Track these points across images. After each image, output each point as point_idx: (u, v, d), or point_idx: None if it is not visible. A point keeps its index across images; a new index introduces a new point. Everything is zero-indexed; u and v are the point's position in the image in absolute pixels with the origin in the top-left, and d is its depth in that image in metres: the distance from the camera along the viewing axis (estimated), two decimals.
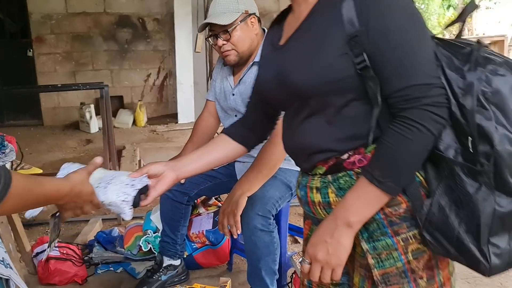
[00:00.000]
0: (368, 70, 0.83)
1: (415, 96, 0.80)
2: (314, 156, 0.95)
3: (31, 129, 6.00)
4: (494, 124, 0.78)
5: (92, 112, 5.75)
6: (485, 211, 0.79)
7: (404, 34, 0.82)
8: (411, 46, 0.82)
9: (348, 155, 0.90)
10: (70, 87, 3.36)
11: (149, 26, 6.28)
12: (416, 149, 0.81)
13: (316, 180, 0.96)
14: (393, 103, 0.84)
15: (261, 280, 1.81)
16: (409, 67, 0.82)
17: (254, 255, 1.78)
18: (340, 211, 0.87)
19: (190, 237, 2.31)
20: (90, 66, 6.23)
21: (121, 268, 2.33)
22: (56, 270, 2.15)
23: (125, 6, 6.16)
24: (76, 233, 2.76)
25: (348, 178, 0.91)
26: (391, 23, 0.82)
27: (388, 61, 0.82)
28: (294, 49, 0.93)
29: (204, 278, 2.28)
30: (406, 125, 0.81)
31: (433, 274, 0.91)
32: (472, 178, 0.80)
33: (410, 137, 0.80)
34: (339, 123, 0.90)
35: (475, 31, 13.73)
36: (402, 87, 0.81)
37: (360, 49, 0.83)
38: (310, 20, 0.91)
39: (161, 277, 2.13)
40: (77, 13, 6.03)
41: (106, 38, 6.20)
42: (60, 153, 4.90)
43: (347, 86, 0.87)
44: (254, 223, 1.71)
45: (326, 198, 0.94)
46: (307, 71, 0.89)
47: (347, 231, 0.86)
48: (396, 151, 0.82)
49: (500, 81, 0.80)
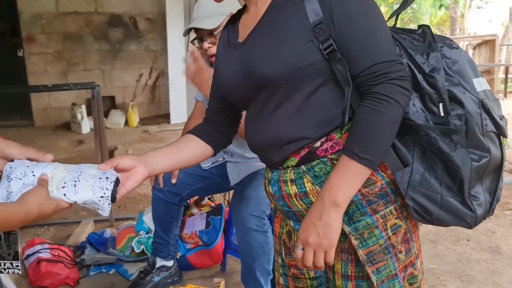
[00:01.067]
0: (335, 54, 0.87)
1: (382, 72, 0.85)
2: (286, 147, 0.95)
3: (21, 130, 5.94)
4: (461, 89, 0.87)
5: (83, 112, 5.72)
6: (464, 167, 0.86)
7: (365, 16, 0.88)
8: (373, 27, 0.88)
9: (321, 142, 0.93)
10: (61, 87, 3.32)
11: (141, 26, 6.25)
12: (390, 121, 0.86)
13: (290, 173, 0.97)
14: (362, 82, 0.88)
15: (255, 281, 1.80)
16: (374, 46, 0.87)
17: (249, 255, 1.77)
18: (326, 192, 0.88)
19: (183, 237, 2.29)
20: (81, 66, 6.19)
21: (113, 269, 2.31)
22: (47, 272, 2.12)
23: (116, 5, 6.12)
24: (68, 235, 2.73)
25: (322, 165, 0.93)
26: (353, 8, 0.88)
27: (354, 42, 0.87)
28: (257, 42, 0.95)
29: (198, 279, 2.26)
30: (377, 100, 0.85)
31: (409, 247, 0.96)
32: (447, 139, 0.86)
33: (383, 111, 0.85)
34: (309, 110, 0.92)
35: (466, 31, 13.83)
36: (369, 65, 0.86)
37: (326, 35, 0.87)
38: (269, 16, 0.94)
39: (154, 278, 2.12)
40: (68, 13, 5.99)
41: (97, 38, 6.16)
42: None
43: (315, 71, 0.89)
44: (248, 224, 1.71)
45: (303, 188, 0.95)
46: (274, 60, 0.90)
47: (335, 210, 0.87)
48: (372, 126, 0.86)
49: (456, 53, 0.91)
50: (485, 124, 0.88)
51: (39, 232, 2.88)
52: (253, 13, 0.99)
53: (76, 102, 5.96)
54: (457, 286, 2.15)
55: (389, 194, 0.92)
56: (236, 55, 0.99)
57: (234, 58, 1.00)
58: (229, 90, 1.04)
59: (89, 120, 5.55)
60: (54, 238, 2.75)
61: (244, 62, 0.96)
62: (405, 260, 0.95)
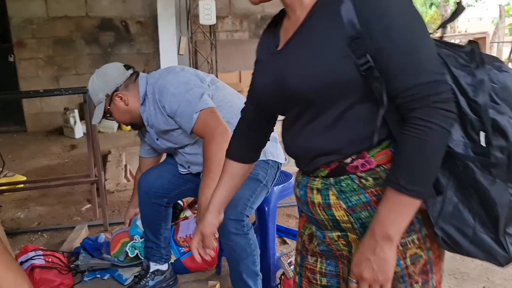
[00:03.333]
0: (373, 71, 0.82)
1: (423, 95, 0.80)
2: (316, 159, 0.94)
3: (13, 136, 5.91)
4: (507, 118, 0.80)
5: (76, 117, 5.69)
6: (502, 203, 0.81)
7: (407, 32, 0.81)
8: (415, 44, 0.81)
9: (351, 159, 0.90)
10: (53, 93, 3.29)
11: (132, 29, 6.24)
12: (435, 148, 0.81)
13: (317, 181, 0.96)
14: (402, 103, 0.83)
15: (244, 284, 1.79)
16: (415, 65, 0.81)
17: (233, 259, 1.77)
18: (377, 227, 0.85)
19: (178, 241, 2.29)
20: (73, 70, 6.16)
21: (108, 275, 2.30)
22: (41, 279, 2.11)
23: (107, 9, 6.10)
24: (62, 241, 2.72)
25: (350, 181, 0.91)
26: (393, 22, 0.81)
27: (393, 60, 0.81)
28: (293, 53, 0.92)
29: (193, 282, 2.26)
30: (419, 126, 0.80)
31: (427, 279, 0.93)
32: (486, 171, 0.81)
33: (427, 138, 0.80)
34: (341, 127, 0.89)
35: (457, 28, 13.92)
36: (409, 86, 0.81)
37: (363, 50, 0.82)
38: (308, 24, 0.89)
39: (148, 283, 2.11)
40: (58, 17, 5.96)
41: (88, 42, 6.14)
42: (44, 159, 4.83)
43: (350, 89, 0.86)
44: (227, 228, 1.69)
45: (327, 200, 0.95)
46: (308, 75, 0.87)
47: (388, 245, 0.85)
48: (416, 155, 0.81)
49: (506, 77, 0.82)
50: None
51: (32, 238, 2.86)
52: (294, 20, 0.94)
53: (69, 107, 5.93)
54: (451, 284, 2.16)
55: (414, 223, 0.89)
56: (273, 64, 0.97)
57: (271, 67, 0.97)
58: (265, 98, 1.02)
59: (82, 125, 5.53)
60: (48, 244, 2.73)
61: (279, 74, 0.93)
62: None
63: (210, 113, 1.78)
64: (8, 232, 2.82)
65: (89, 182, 3.18)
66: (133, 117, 1.96)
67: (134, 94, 1.92)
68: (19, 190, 3.52)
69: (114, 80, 1.91)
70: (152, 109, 1.89)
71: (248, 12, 6.65)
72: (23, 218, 3.24)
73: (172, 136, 1.92)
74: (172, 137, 1.93)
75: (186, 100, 1.78)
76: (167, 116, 1.85)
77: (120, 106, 1.92)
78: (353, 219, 0.92)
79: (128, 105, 1.92)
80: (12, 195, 3.61)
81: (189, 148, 1.96)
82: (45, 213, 3.32)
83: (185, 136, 1.90)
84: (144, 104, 1.92)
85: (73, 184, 3.55)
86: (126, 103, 1.92)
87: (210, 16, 4.72)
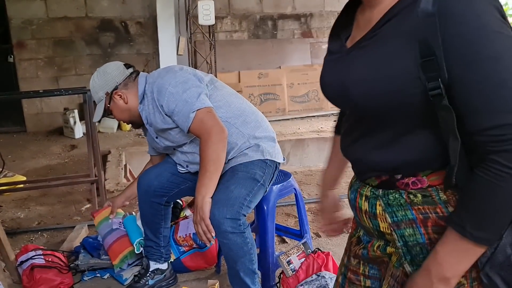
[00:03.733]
0: (442, 99, 0.74)
1: (509, 138, 0.71)
2: (367, 172, 0.93)
3: (14, 136, 5.91)
4: None
5: (76, 117, 5.70)
6: None
7: (498, 63, 0.71)
8: (505, 78, 0.71)
9: (402, 175, 0.86)
10: (52, 93, 3.31)
11: (132, 30, 6.25)
12: (510, 196, 0.73)
13: (368, 189, 0.94)
14: (480, 142, 0.74)
15: (241, 282, 1.81)
16: (502, 102, 0.71)
17: (230, 257, 1.78)
18: (434, 267, 0.81)
19: (177, 240, 2.30)
20: (73, 71, 6.16)
21: (108, 274, 2.31)
22: (41, 278, 2.12)
23: (107, 10, 6.11)
24: (62, 240, 2.73)
25: (398, 195, 0.87)
26: (481, 51, 0.71)
27: (475, 93, 0.72)
28: (360, 60, 0.84)
29: (193, 281, 2.27)
30: (498, 171, 0.72)
31: None
32: None
33: (504, 185, 0.72)
34: (399, 147, 0.84)
35: None
36: (494, 125, 0.72)
37: (435, 74, 0.74)
38: (382, 29, 0.81)
39: (148, 282, 2.12)
40: (58, 18, 5.97)
41: (88, 43, 6.15)
42: (44, 160, 4.84)
43: (412, 113, 0.79)
44: (224, 227, 1.70)
45: (373, 209, 0.92)
46: (371, 90, 0.81)
47: (445, 287, 0.81)
48: (489, 200, 0.74)
49: None
50: None
51: (32, 238, 2.87)
52: (368, 17, 0.86)
53: (69, 107, 5.94)
54: None
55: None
56: (340, 63, 0.90)
57: (337, 67, 0.91)
58: (329, 97, 0.97)
59: (82, 125, 5.53)
60: (48, 244, 2.74)
61: (343, 79, 0.87)
62: None
63: (207, 112, 1.79)
64: (8, 232, 2.83)
65: (89, 181, 3.19)
66: (132, 115, 1.99)
67: (134, 93, 1.94)
68: (19, 190, 3.52)
69: (113, 78, 1.94)
70: (151, 107, 1.91)
71: (247, 12, 6.66)
72: (23, 218, 3.25)
73: (170, 134, 1.93)
74: (170, 136, 1.94)
75: (184, 99, 1.79)
76: (165, 115, 1.86)
77: (119, 104, 1.95)
78: (397, 236, 0.88)
79: (127, 103, 1.95)
80: (12, 195, 3.62)
81: (187, 147, 1.97)
82: (45, 212, 3.33)
83: (182, 135, 1.91)
84: (142, 102, 1.94)
85: (73, 184, 3.56)
86: (126, 101, 1.95)
87: (209, 16, 4.73)
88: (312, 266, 1.98)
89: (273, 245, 2.04)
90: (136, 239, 2.22)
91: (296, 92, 6.44)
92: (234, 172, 1.85)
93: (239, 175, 1.82)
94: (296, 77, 6.42)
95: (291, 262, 2.01)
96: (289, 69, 6.46)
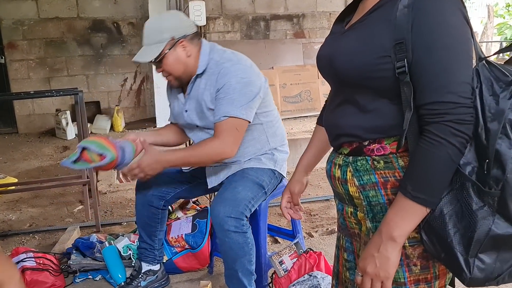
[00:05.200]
0: (405, 76, 0.89)
1: (441, 112, 0.85)
2: (340, 137, 1.05)
3: (5, 137, 5.87)
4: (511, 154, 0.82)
5: (68, 118, 5.66)
6: (481, 229, 0.85)
7: (447, 53, 0.86)
8: (450, 66, 0.86)
9: (369, 142, 0.99)
10: (44, 94, 3.28)
11: (124, 30, 6.22)
12: (441, 161, 0.86)
13: (340, 158, 1.06)
14: (421, 115, 0.89)
15: (238, 282, 1.81)
16: (444, 84, 0.86)
17: (229, 257, 1.79)
18: (384, 227, 0.92)
19: (170, 241, 2.29)
20: (65, 71, 6.13)
21: (99, 275, 2.30)
22: (32, 281, 2.11)
23: (99, 10, 6.08)
24: (54, 242, 2.71)
25: (364, 162, 1.00)
26: (437, 40, 0.86)
27: (426, 73, 0.87)
28: (349, 38, 0.99)
29: (185, 282, 2.27)
30: (429, 139, 0.86)
31: (428, 265, 0.97)
32: (478, 196, 0.85)
33: (435, 151, 0.85)
34: (368, 115, 0.97)
35: None
36: (432, 101, 0.86)
37: (403, 55, 0.88)
38: (370, 15, 0.96)
39: (140, 283, 2.12)
40: (49, 18, 5.93)
41: (80, 43, 6.12)
42: (36, 161, 4.81)
43: (382, 85, 0.93)
44: (226, 226, 1.72)
45: (344, 176, 1.04)
46: (350, 62, 0.95)
47: (392, 245, 0.91)
48: (423, 165, 0.88)
49: None
50: None
51: (24, 240, 2.86)
52: (364, 6, 1.01)
53: (61, 108, 5.90)
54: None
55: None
56: (334, 41, 1.05)
57: (331, 43, 1.06)
58: (319, 68, 1.10)
59: (74, 126, 5.50)
60: (39, 246, 2.73)
61: (333, 51, 1.02)
62: (419, 274, 0.97)
63: (237, 127, 1.75)
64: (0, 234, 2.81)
65: (81, 183, 3.18)
66: (185, 72, 1.84)
67: (196, 52, 1.83)
68: (11, 192, 3.50)
69: (186, 27, 1.80)
70: (203, 83, 1.82)
71: (239, 13, 6.67)
72: (15, 220, 3.23)
73: (208, 116, 1.85)
74: (205, 116, 1.86)
75: (231, 99, 1.74)
76: (215, 98, 1.79)
77: (180, 55, 1.80)
78: (363, 196, 1.00)
79: (188, 57, 1.81)
80: (4, 197, 3.60)
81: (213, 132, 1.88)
82: (37, 214, 3.32)
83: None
84: (200, 76, 1.84)
85: (65, 186, 3.54)
86: (188, 55, 1.81)
87: (200, 17, 4.71)
88: (304, 266, 1.99)
89: (266, 245, 2.04)
90: (117, 273, 2.21)
91: (288, 92, 6.45)
92: (243, 175, 1.87)
93: (249, 178, 1.84)
94: (289, 78, 6.43)
95: (283, 262, 2.02)
96: (282, 69, 6.47)
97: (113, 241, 2.37)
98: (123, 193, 3.77)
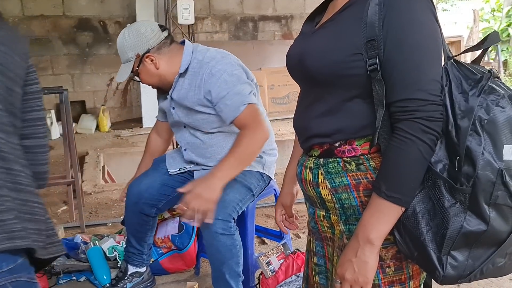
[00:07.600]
0: (377, 73, 0.89)
1: (411, 109, 0.86)
2: (311, 139, 1.02)
3: None
4: (481, 150, 0.82)
5: (52, 118, 5.58)
6: (453, 226, 0.84)
7: (417, 50, 0.87)
8: (420, 63, 0.87)
9: (340, 143, 0.97)
10: None
11: (111, 29, 6.17)
12: (412, 159, 0.86)
13: (311, 161, 1.04)
14: (392, 112, 0.89)
15: (226, 284, 1.80)
16: (414, 81, 0.86)
17: (217, 259, 1.77)
18: (360, 230, 0.91)
19: (156, 242, 2.27)
20: (49, 70, 6.05)
21: (84, 277, 2.26)
22: None
23: (85, 9, 6.02)
24: None
25: (336, 164, 0.98)
26: (408, 38, 0.87)
27: (397, 71, 0.87)
28: (320, 37, 0.99)
29: (171, 283, 2.25)
30: (399, 137, 0.87)
31: (401, 266, 0.97)
32: (450, 194, 0.85)
33: (404, 148, 0.86)
34: (339, 115, 0.96)
35: None
36: (402, 98, 0.87)
37: (375, 52, 0.88)
38: (342, 14, 0.96)
39: (126, 285, 2.09)
40: (34, 16, 5.85)
41: (65, 42, 6.04)
42: None
43: (354, 83, 0.92)
44: (214, 228, 1.70)
45: (316, 178, 1.02)
46: (321, 60, 0.94)
47: (369, 248, 0.90)
48: (395, 163, 0.88)
49: (498, 112, 0.83)
50: (496, 196, 0.83)
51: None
52: (335, 5, 1.01)
53: (45, 107, 5.81)
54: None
55: None
56: (306, 40, 1.03)
57: (303, 43, 1.04)
58: (289, 69, 1.09)
59: (59, 126, 5.43)
60: None
61: (303, 50, 1.01)
62: (393, 276, 0.97)
63: (256, 109, 1.74)
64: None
65: (66, 183, 3.13)
66: (161, 81, 1.85)
67: (166, 59, 1.81)
68: None
69: (148, 40, 1.78)
70: (187, 83, 1.81)
71: (227, 13, 6.66)
72: None
73: (196, 117, 1.84)
74: (194, 117, 1.84)
75: (236, 91, 1.72)
76: (205, 99, 1.77)
77: (150, 68, 1.81)
78: (335, 199, 0.99)
79: (158, 69, 1.81)
80: None
81: (200, 134, 1.90)
82: None
83: (207, 123, 1.84)
84: (183, 75, 1.82)
85: (49, 186, 3.48)
86: (157, 67, 1.81)
87: (188, 16, 4.69)
88: (292, 267, 1.98)
89: (253, 246, 2.03)
90: (102, 274, 2.18)
91: (276, 93, 6.46)
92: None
93: (237, 181, 1.81)
94: (277, 79, 6.44)
95: (271, 263, 2.01)
96: (270, 70, 6.47)
97: (98, 242, 2.34)
98: (109, 193, 3.72)
